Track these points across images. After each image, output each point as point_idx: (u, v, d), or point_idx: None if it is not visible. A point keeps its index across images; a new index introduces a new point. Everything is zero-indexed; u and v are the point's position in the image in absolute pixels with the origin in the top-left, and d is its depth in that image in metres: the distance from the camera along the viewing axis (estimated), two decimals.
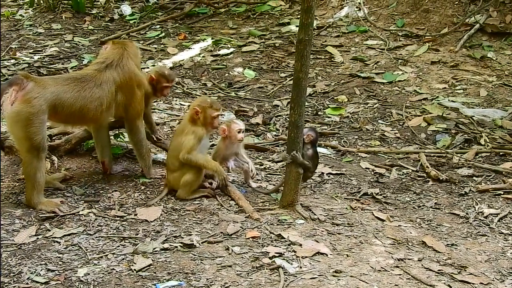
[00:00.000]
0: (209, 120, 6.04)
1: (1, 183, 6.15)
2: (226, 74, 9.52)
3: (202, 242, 5.19)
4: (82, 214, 5.65)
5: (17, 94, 5.58)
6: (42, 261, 4.92)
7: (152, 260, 4.92)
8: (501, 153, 7.34)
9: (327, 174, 6.71)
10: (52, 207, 5.67)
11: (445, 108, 8.39)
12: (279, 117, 8.17)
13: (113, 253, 5.04)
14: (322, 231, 5.46)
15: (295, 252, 5.07)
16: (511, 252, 5.36)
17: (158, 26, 11.43)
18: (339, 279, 4.73)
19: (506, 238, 5.62)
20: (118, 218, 5.61)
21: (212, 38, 10.70)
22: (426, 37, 10.30)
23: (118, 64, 6.06)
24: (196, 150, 5.94)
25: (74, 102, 5.81)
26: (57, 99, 5.72)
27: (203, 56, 10.08)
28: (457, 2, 10.74)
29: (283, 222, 5.56)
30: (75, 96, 5.81)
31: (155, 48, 10.50)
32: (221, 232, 5.36)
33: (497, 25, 10.25)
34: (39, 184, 5.69)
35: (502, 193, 6.47)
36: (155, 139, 6.65)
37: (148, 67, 9.62)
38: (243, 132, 6.17)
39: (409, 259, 5.11)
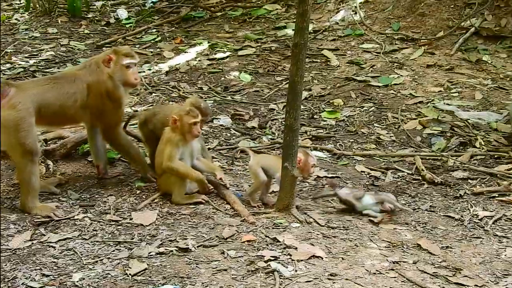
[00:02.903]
0: (187, 128, 5.92)
1: None
2: (222, 78, 9.52)
3: (197, 246, 5.19)
4: (77, 219, 5.64)
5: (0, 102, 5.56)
6: (37, 266, 4.91)
7: (148, 264, 4.92)
8: (495, 156, 7.35)
9: (322, 177, 6.72)
10: (47, 211, 5.67)
11: (440, 111, 8.40)
12: (275, 121, 8.18)
13: (108, 258, 5.04)
14: (318, 234, 5.46)
15: (290, 255, 5.07)
16: (506, 254, 5.37)
17: (154, 30, 11.44)
18: (334, 282, 4.74)
19: (501, 240, 5.64)
20: (114, 223, 5.61)
21: (208, 42, 10.71)
22: (421, 40, 10.32)
23: (94, 65, 6.04)
24: (176, 157, 5.90)
25: (55, 101, 5.83)
26: (40, 99, 5.74)
27: (199, 60, 10.09)
28: (452, 6, 10.76)
29: (279, 226, 5.56)
30: (55, 95, 5.83)
31: (151, 52, 10.50)
32: (217, 236, 5.36)
33: (492, 28, 10.27)
34: (34, 188, 5.69)
35: (496, 195, 6.49)
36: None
37: (144, 71, 9.63)
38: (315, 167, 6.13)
39: (404, 261, 5.11)
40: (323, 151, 7.43)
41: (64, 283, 4.69)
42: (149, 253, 5.08)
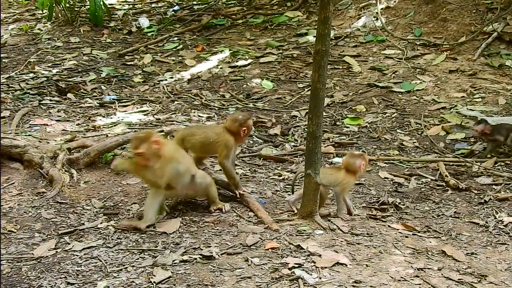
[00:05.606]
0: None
1: (21, 197, 6.17)
2: (244, 85, 9.54)
3: (221, 254, 5.18)
4: (101, 227, 5.66)
5: None
6: (61, 274, 4.92)
7: (172, 272, 4.92)
8: None
9: None
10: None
11: (463, 117, 8.36)
12: (297, 128, 8.17)
13: (133, 266, 5.04)
14: (341, 241, 5.44)
15: (314, 262, 5.05)
16: None
17: (176, 38, 11.49)
18: None
19: None
20: (137, 231, 5.62)
21: (229, 50, 10.74)
22: (443, 46, 10.28)
23: None
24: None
25: None
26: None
27: (221, 68, 10.11)
28: (474, 11, 10.71)
29: (302, 233, 5.55)
30: None
31: (173, 60, 10.54)
32: (240, 244, 5.36)
33: None
34: None
35: None
36: (238, 195, 6.20)
37: (166, 79, 9.67)
38: None
39: (429, 268, 5.08)
40: None
41: None
42: (173, 261, 5.08)
